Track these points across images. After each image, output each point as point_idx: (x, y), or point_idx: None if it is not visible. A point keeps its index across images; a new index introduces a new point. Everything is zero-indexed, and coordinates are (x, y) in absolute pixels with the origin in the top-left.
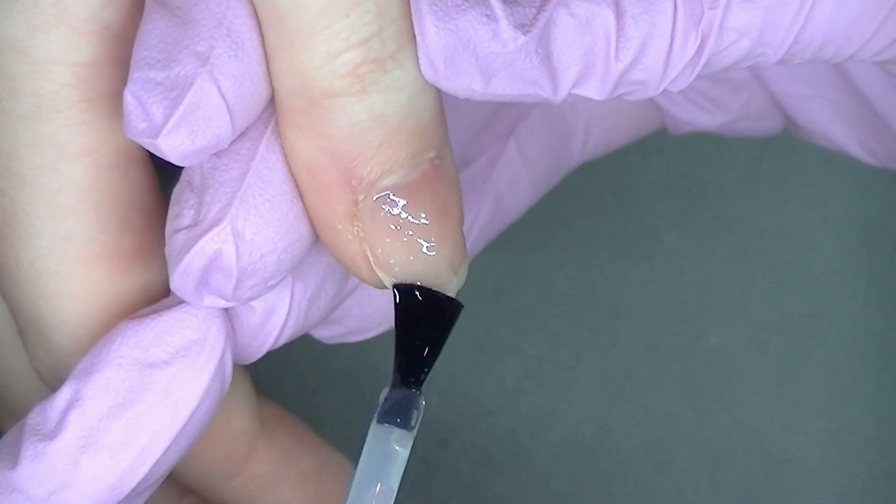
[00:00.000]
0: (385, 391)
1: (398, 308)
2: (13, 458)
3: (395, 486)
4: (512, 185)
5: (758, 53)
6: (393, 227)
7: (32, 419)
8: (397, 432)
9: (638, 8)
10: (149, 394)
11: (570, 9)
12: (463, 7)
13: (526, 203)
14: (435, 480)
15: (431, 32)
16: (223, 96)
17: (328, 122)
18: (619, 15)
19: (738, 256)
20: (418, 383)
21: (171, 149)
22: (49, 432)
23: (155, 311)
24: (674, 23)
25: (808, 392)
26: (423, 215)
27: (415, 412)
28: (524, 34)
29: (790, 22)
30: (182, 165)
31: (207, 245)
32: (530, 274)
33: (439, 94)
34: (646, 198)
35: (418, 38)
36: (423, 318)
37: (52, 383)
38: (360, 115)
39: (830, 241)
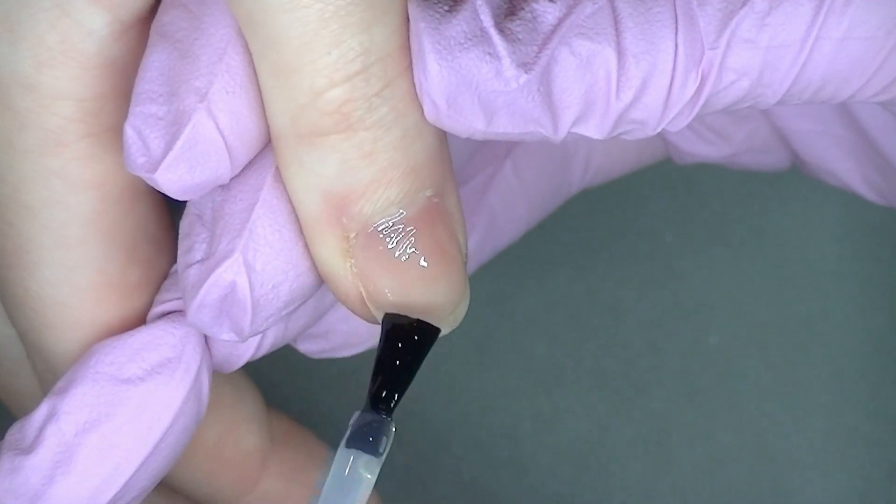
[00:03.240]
0: (355, 416)
1: (385, 334)
2: None
3: None
4: (507, 206)
5: (756, 94)
6: (386, 266)
7: (12, 435)
8: (365, 458)
9: (639, 47)
10: (123, 410)
11: (572, 47)
12: (465, 45)
13: (522, 226)
14: (435, 480)
15: (434, 72)
16: (221, 132)
17: (317, 160)
18: (621, 54)
19: (738, 256)
20: (389, 410)
21: (169, 183)
22: (27, 447)
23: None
24: (674, 62)
25: (808, 392)
26: (419, 254)
27: (384, 439)
28: (526, 73)
29: (790, 63)
30: (181, 200)
31: (221, 277)
32: (530, 274)
33: (439, 133)
34: (646, 198)
35: (420, 77)
36: (404, 343)
37: None
38: (349, 153)
39: (830, 241)
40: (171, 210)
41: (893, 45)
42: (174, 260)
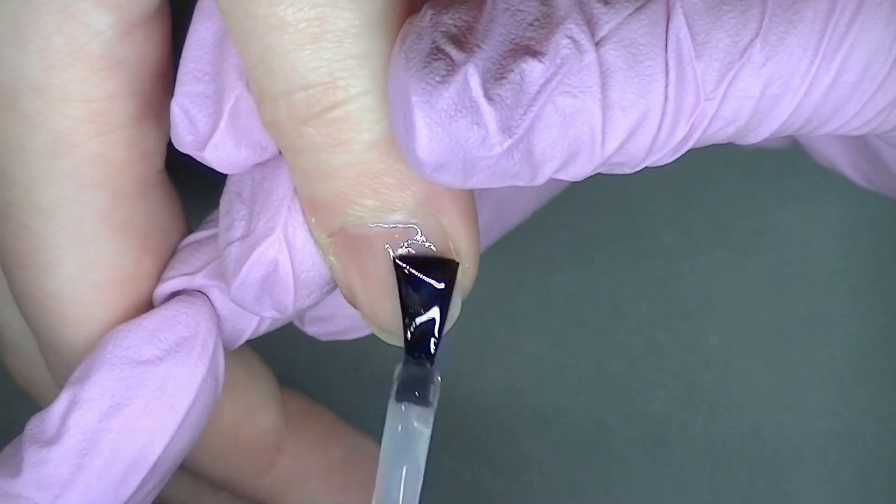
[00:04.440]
0: (398, 368)
1: (398, 281)
2: (15, 468)
3: (422, 464)
4: (515, 187)
5: (738, 137)
6: (357, 267)
7: (32, 429)
8: (416, 410)
9: (627, 101)
10: (144, 391)
11: (556, 105)
12: (455, 117)
13: (530, 207)
14: (435, 480)
15: (424, 144)
16: None
17: (287, 159)
18: (607, 108)
19: (738, 256)
20: (430, 357)
21: (217, 160)
22: (50, 438)
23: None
24: (663, 114)
25: (808, 392)
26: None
27: (431, 387)
28: (510, 137)
29: (780, 112)
30: (228, 174)
31: (263, 255)
32: (530, 274)
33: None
34: (646, 198)
35: (409, 145)
36: (421, 285)
37: None
38: (303, 166)
39: (830, 241)
40: (181, 199)
41: (878, 85)
42: None
